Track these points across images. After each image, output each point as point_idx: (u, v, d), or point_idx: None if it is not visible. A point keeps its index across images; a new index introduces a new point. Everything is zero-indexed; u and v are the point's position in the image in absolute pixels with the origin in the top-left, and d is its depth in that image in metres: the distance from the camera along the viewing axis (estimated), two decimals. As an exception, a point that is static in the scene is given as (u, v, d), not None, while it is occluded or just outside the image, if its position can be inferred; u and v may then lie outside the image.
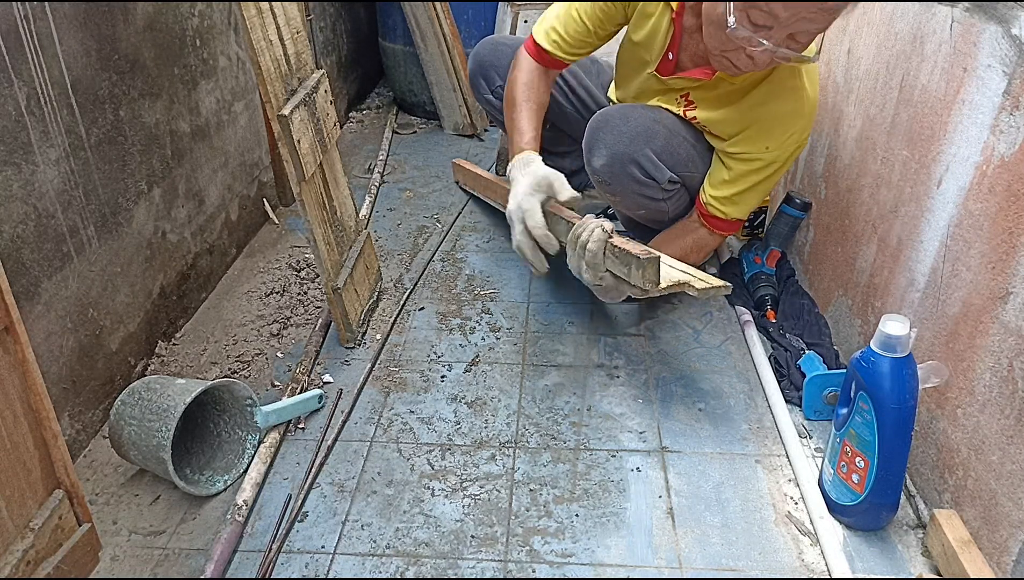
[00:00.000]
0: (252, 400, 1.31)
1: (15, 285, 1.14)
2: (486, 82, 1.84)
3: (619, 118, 1.49)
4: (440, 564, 1.14)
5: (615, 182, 1.50)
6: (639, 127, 1.47)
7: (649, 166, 1.47)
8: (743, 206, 1.53)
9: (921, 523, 1.19)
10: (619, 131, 1.47)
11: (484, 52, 1.83)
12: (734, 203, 1.51)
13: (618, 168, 1.48)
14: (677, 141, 1.51)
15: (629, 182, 1.49)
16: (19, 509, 0.99)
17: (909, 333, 1.04)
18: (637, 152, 1.46)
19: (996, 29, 1.04)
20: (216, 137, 1.82)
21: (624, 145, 1.46)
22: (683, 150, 1.51)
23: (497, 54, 1.80)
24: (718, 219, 1.53)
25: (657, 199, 1.52)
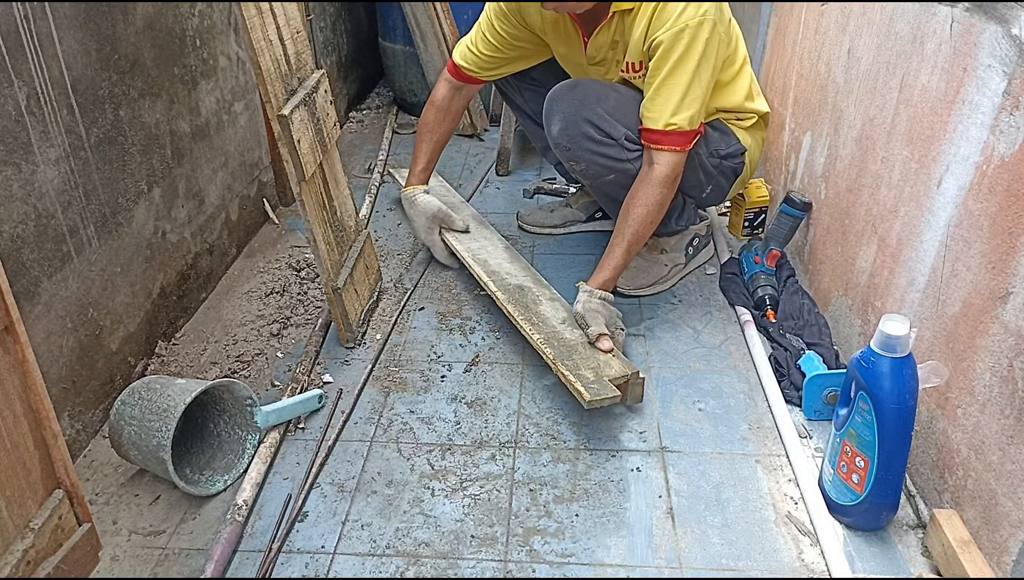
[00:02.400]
0: (252, 400, 1.31)
1: (15, 285, 1.14)
2: None
3: (569, 87, 1.57)
4: (440, 564, 1.14)
5: (574, 146, 1.55)
6: (589, 91, 1.54)
7: (603, 124, 1.51)
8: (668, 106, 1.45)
9: (921, 523, 1.19)
10: (570, 97, 1.54)
11: None
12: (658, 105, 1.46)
13: (573, 129, 1.53)
14: (629, 104, 1.54)
15: (587, 142, 1.53)
16: (19, 509, 0.99)
17: (909, 333, 1.04)
18: (588, 111, 1.51)
19: (996, 29, 1.04)
20: (216, 137, 1.82)
21: (575, 107, 1.53)
22: (632, 110, 1.53)
23: None
24: (652, 132, 1.47)
25: (621, 159, 1.54)
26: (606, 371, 1.37)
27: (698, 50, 1.43)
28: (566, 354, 1.41)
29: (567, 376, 1.35)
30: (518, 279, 1.67)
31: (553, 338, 1.46)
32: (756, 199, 1.94)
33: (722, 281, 1.81)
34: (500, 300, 1.59)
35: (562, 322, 1.51)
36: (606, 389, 1.31)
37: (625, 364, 1.39)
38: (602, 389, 1.31)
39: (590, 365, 1.38)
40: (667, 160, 1.49)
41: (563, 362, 1.38)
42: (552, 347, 1.43)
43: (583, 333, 1.46)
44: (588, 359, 1.40)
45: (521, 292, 1.61)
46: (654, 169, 1.50)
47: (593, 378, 1.34)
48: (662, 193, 1.51)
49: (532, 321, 1.51)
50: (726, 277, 1.80)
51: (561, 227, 2.05)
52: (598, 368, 1.37)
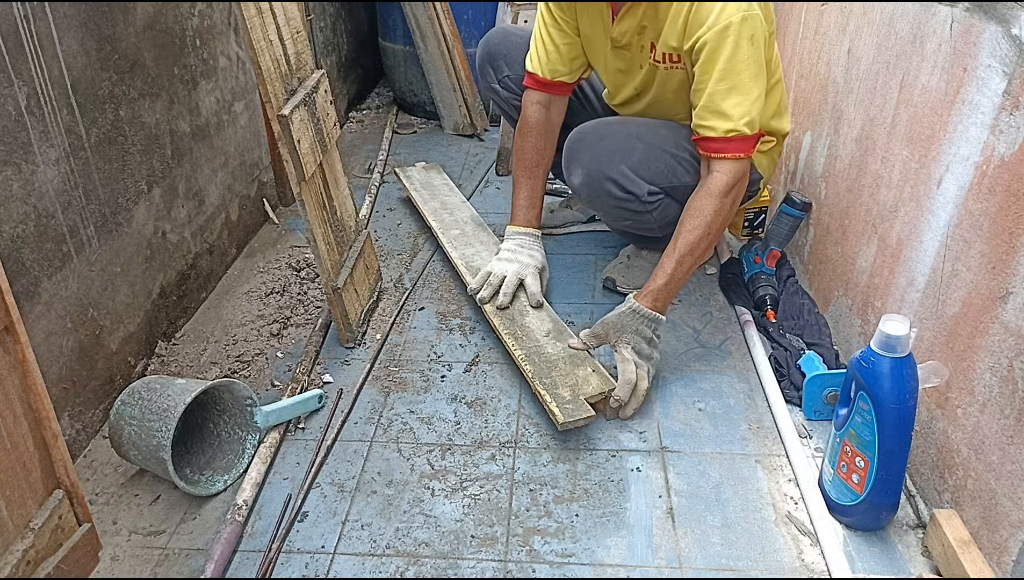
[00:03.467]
0: (252, 400, 1.31)
1: (15, 285, 1.14)
2: (494, 71, 1.82)
3: (594, 136, 1.51)
4: (440, 564, 1.14)
5: (595, 199, 1.54)
6: (613, 144, 1.48)
7: (626, 182, 1.47)
8: (722, 109, 1.36)
9: (921, 523, 1.19)
10: (594, 149, 1.49)
11: (494, 40, 1.82)
12: (713, 111, 1.36)
13: (595, 185, 1.49)
14: (655, 154, 1.49)
15: (608, 198, 1.51)
16: (19, 509, 0.99)
17: (909, 333, 1.04)
18: (612, 169, 1.47)
19: (996, 29, 1.04)
20: (216, 137, 1.82)
21: (598, 164, 1.48)
22: (662, 162, 1.49)
23: (507, 43, 1.79)
24: (708, 140, 1.39)
25: (640, 212, 1.52)
26: (584, 389, 1.37)
27: (746, 47, 1.33)
28: (545, 371, 1.41)
29: (543, 395, 1.35)
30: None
31: (534, 353, 1.46)
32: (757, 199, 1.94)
33: (722, 281, 1.81)
34: (487, 312, 1.60)
35: (546, 335, 1.51)
36: (580, 409, 1.32)
37: (604, 380, 1.39)
38: (576, 410, 1.32)
39: (568, 382, 1.38)
40: (728, 168, 1.38)
41: (541, 380, 1.39)
42: (532, 363, 1.43)
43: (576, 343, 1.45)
44: (567, 376, 1.40)
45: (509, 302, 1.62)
46: (713, 178, 1.39)
47: (569, 397, 1.35)
48: (722, 203, 1.39)
49: (516, 334, 1.51)
50: (726, 277, 1.80)
51: (561, 228, 2.05)
52: (576, 386, 1.38)
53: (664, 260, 1.41)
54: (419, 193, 2.13)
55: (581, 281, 1.83)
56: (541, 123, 1.66)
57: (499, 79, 1.82)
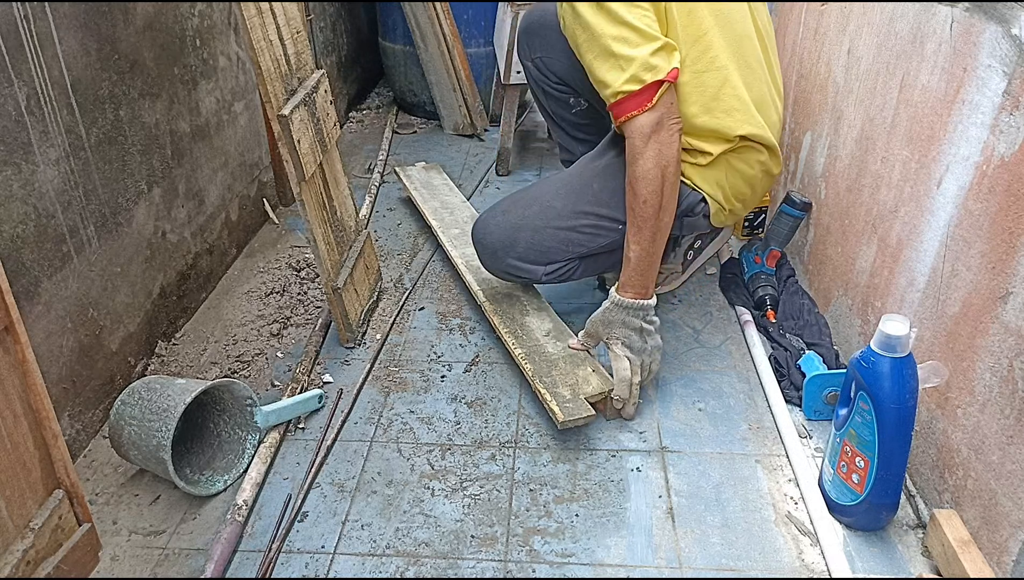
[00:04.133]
0: (252, 400, 1.31)
1: (15, 285, 1.14)
2: (528, 48, 1.78)
3: (481, 232, 1.54)
4: (440, 564, 1.14)
5: (503, 279, 1.61)
6: (496, 241, 1.51)
7: (519, 271, 1.52)
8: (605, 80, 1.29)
9: (921, 523, 1.19)
10: (483, 248, 1.54)
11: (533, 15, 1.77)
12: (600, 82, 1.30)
13: (502, 275, 1.58)
14: (543, 236, 1.47)
15: (515, 280, 1.60)
16: (19, 509, 0.99)
17: (909, 333, 1.04)
18: (502, 263, 1.53)
19: (996, 29, 1.04)
20: (216, 137, 1.82)
21: (490, 261, 1.55)
22: (554, 239, 1.47)
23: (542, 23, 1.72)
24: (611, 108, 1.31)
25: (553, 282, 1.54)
26: (584, 388, 1.37)
27: (589, 13, 1.27)
28: (545, 370, 1.41)
29: (543, 394, 1.35)
30: (508, 287, 1.67)
31: (535, 352, 1.46)
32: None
33: (722, 281, 1.81)
34: (487, 310, 1.60)
35: (546, 334, 1.52)
36: (580, 408, 1.32)
37: (604, 380, 1.39)
38: (576, 408, 1.32)
39: (568, 382, 1.38)
40: (633, 128, 1.27)
41: (541, 379, 1.39)
42: (532, 362, 1.43)
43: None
44: (567, 375, 1.40)
45: (509, 301, 1.62)
46: (628, 145, 1.30)
47: (569, 396, 1.35)
48: (644, 165, 1.27)
49: (516, 334, 1.52)
50: (726, 277, 1.80)
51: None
52: (576, 385, 1.38)
53: (625, 246, 1.34)
54: (419, 193, 2.14)
55: (581, 281, 1.83)
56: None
57: (532, 57, 1.78)
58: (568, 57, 1.51)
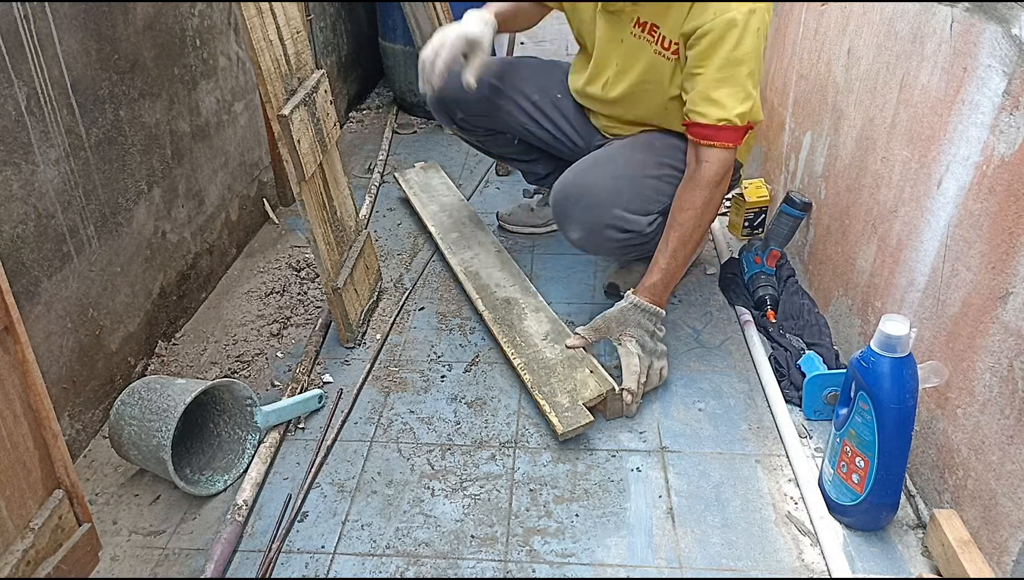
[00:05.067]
0: (252, 400, 1.31)
1: (15, 285, 1.14)
2: (448, 116, 1.79)
3: (577, 189, 1.47)
4: (440, 564, 1.14)
5: (597, 248, 1.52)
6: (600, 191, 1.45)
7: (624, 224, 1.45)
8: (717, 99, 1.35)
9: (921, 523, 1.19)
10: (584, 204, 1.46)
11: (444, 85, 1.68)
12: (709, 100, 1.35)
13: (596, 236, 1.47)
14: (640, 184, 1.47)
15: (611, 244, 1.49)
16: (19, 509, 0.99)
17: (909, 333, 1.04)
18: (607, 216, 1.44)
19: (996, 29, 1.04)
20: (216, 137, 1.82)
21: (593, 216, 1.45)
22: (649, 188, 1.48)
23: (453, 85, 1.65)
24: (700, 126, 1.37)
25: (643, 244, 1.50)
26: (582, 393, 1.37)
27: (750, 40, 1.32)
28: (544, 378, 1.42)
29: (543, 406, 1.36)
30: (506, 291, 1.67)
31: (534, 360, 1.47)
32: (756, 199, 1.94)
33: (722, 281, 1.81)
34: (487, 320, 1.60)
35: (544, 338, 1.52)
36: (579, 416, 1.33)
37: (601, 382, 1.39)
38: (575, 417, 1.33)
39: (566, 388, 1.39)
40: (717, 157, 1.37)
41: (540, 389, 1.40)
42: (532, 372, 1.44)
43: None
44: (565, 381, 1.40)
45: (507, 307, 1.62)
46: (702, 169, 1.38)
47: (568, 404, 1.35)
48: (712, 194, 1.39)
49: (515, 342, 1.52)
50: (726, 277, 1.80)
51: (543, 226, 2.04)
52: (574, 390, 1.38)
53: (658, 255, 1.42)
54: (418, 198, 2.14)
55: (581, 281, 1.83)
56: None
57: (455, 121, 1.79)
58: (482, 103, 1.67)
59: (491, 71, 1.69)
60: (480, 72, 1.47)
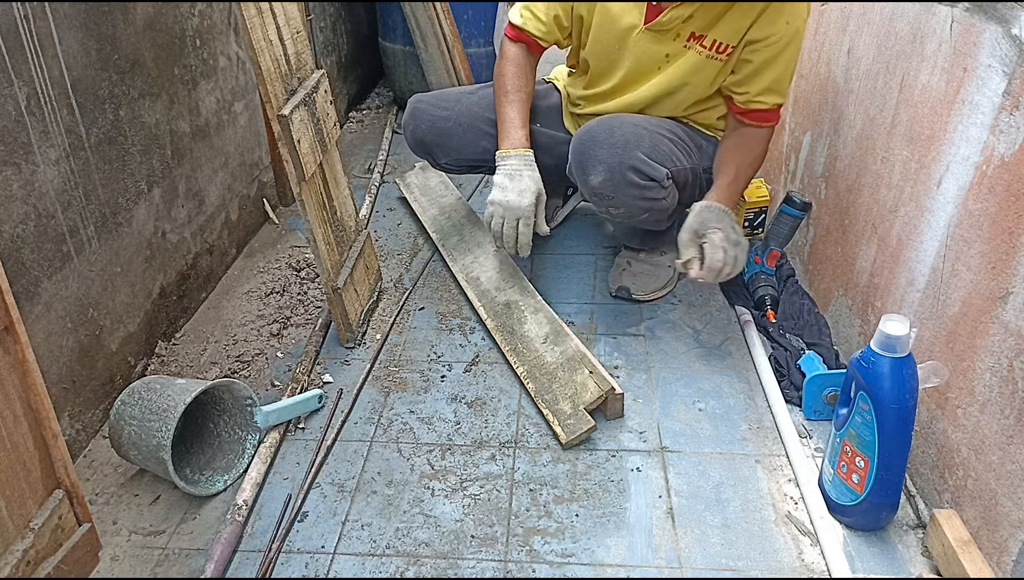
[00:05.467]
0: (252, 400, 1.31)
1: (15, 285, 1.14)
2: (432, 158, 1.80)
3: (604, 131, 1.49)
4: (440, 564, 1.14)
5: (617, 194, 1.49)
6: (625, 134, 1.48)
7: (646, 168, 1.46)
8: (779, 89, 1.54)
9: (921, 523, 1.19)
10: (608, 143, 1.47)
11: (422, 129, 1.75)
12: (772, 90, 1.53)
13: (618, 178, 1.47)
14: (659, 140, 1.52)
15: (630, 189, 1.48)
16: (19, 509, 0.99)
17: (909, 333, 1.04)
18: (631, 158, 1.46)
19: (996, 29, 1.04)
20: (216, 137, 1.82)
21: (617, 155, 1.46)
22: (665, 145, 1.53)
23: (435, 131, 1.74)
24: (761, 112, 1.55)
25: (658, 198, 1.51)
26: (583, 397, 1.37)
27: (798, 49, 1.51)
28: (546, 385, 1.43)
29: (546, 414, 1.38)
30: (506, 294, 1.67)
31: (535, 366, 1.47)
32: (756, 199, 1.94)
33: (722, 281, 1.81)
34: (490, 327, 1.61)
35: (543, 341, 1.52)
36: (581, 422, 1.33)
37: (601, 382, 1.39)
38: (578, 423, 1.33)
39: (567, 393, 1.39)
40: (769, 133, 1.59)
41: (542, 397, 1.41)
42: (534, 380, 1.45)
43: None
44: (566, 386, 1.41)
45: (508, 312, 1.62)
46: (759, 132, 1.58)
47: (570, 411, 1.36)
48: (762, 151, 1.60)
49: (516, 349, 1.53)
50: (726, 277, 1.80)
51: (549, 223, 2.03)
52: (575, 395, 1.38)
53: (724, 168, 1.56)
54: (418, 202, 2.14)
55: (581, 281, 1.83)
56: (522, 62, 1.66)
57: (439, 164, 1.81)
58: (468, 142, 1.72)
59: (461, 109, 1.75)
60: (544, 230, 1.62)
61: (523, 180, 1.56)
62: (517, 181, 1.56)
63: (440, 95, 1.82)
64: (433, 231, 1.99)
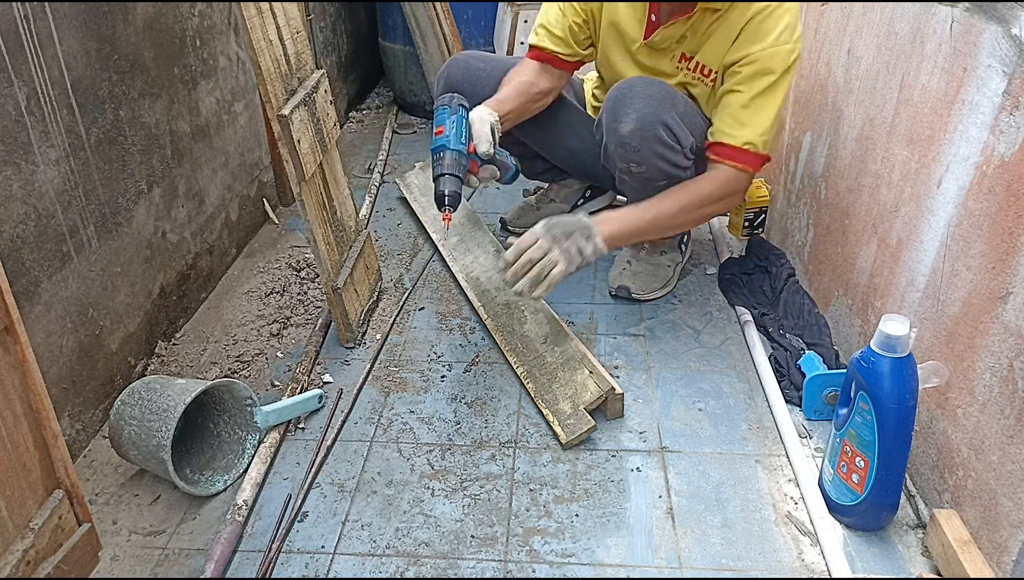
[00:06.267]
0: (252, 400, 1.31)
1: (15, 285, 1.14)
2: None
3: (642, 84, 1.49)
4: (440, 564, 1.14)
5: (643, 147, 1.46)
6: (663, 91, 1.48)
7: (676, 128, 1.46)
8: (753, 125, 1.45)
9: (921, 523, 1.19)
10: (645, 95, 1.47)
11: (456, 76, 1.72)
12: (743, 124, 1.45)
13: (648, 130, 1.45)
14: (692, 111, 1.53)
15: (656, 145, 1.46)
16: (19, 509, 0.99)
17: (909, 333, 1.04)
18: (664, 114, 1.45)
19: (996, 29, 1.04)
20: (216, 137, 1.82)
21: (652, 107, 1.45)
22: (697, 119, 1.53)
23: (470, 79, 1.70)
24: (724, 146, 1.47)
25: (680, 167, 1.50)
26: (583, 397, 1.37)
27: (786, 81, 1.44)
28: (546, 385, 1.43)
29: (546, 414, 1.38)
30: (506, 294, 1.67)
31: (535, 366, 1.47)
32: (756, 199, 1.94)
33: (722, 281, 1.81)
34: (490, 327, 1.62)
35: (543, 341, 1.52)
36: (581, 422, 1.33)
37: (600, 383, 1.39)
38: (578, 423, 1.33)
39: (567, 393, 1.39)
40: (735, 176, 1.48)
41: (542, 397, 1.41)
42: (534, 380, 1.45)
43: None
44: (566, 385, 1.41)
45: (508, 312, 1.63)
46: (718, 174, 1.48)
47: (570, 411, 1.36)
48: (718, 198, 1.49)
49: (516, 349, 1.53)
50: (726, 277, 1.80)
51: None
52: (575, 394, 1.38)
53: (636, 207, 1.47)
54: (418, 202, 2.14)
55: (581, 281, 1.83)
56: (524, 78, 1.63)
57: None
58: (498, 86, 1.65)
59: None
60: None
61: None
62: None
63: (480, 53, 1.82)
64: (433, 232, 1.99)
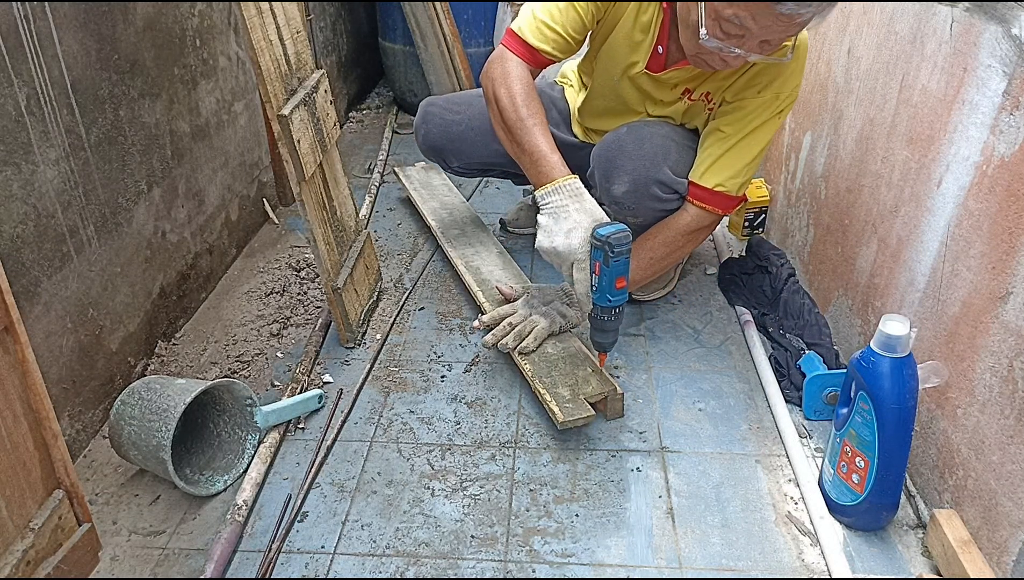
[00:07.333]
0: (252, 400, 1.31)
1: (15, 285, 1.14)
2: (444, 162, 1.82)
3: (632, 142, 1.48)
4: (440, 564, 1.14)
5: (638, 206, 1.49)
6: (653, 147, 1.47)
7: (671, 182, 1.46)
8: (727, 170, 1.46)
9: (921, 523, 1.19)
10: (637, 155, 1.47)
11: (433, 134, 1.75)
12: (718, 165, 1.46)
13: (643, 190, 1.46)
14: (683, 150, 1.52)
15: (652, 202, 1.48)
16: (19, 509, 0.99)
17: (909, 333, 1.04)
18: (657, 172, 1.45)
19: (996, 29, 1.04)
20: (216, 137, 1.82)
21: (644, 169, 1.45)
22: (690, 154, 1.53)
23: (448, 136, 1.74)
24: (698, 187, 1.48)
25: (676, 208, 1.52)
26: (583, 389, 1.37)
27: (774, 126, 1.46)
28: (545, 371, 1.42)
29: (543, 394, 1.36)
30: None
31: (537, 356, 1.46)
32: (756, 199, 1.94)
33: (722, 281, 1.81)
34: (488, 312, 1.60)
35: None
36: (580, 409, 1.32)
37: (603, 381, 1.39)
38: (576, 409, 1.32)
39: (567, 382, 1.39)
40: (703, 216, 1.49)
41: (541, 379, 1.39)
42: (532, 363, 1.44)
43: None
44: (567, 376, 1.40)
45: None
46: (684, 216, 1.50)
47: (569, 396, 1.35)
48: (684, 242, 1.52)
49: None
50: (726, 277, 1.80)
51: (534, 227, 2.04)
52: (575, 385, 1.38)
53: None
54: (418, 193, 2.14)
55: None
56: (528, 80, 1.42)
57: (451, 168, 1.83)
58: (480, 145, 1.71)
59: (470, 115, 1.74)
60: None
61: (570, 217, 1.27)
62: (563, 220, 1.28)
63: (451, 98, 1.81)
64: (433, 221, 1.98)
